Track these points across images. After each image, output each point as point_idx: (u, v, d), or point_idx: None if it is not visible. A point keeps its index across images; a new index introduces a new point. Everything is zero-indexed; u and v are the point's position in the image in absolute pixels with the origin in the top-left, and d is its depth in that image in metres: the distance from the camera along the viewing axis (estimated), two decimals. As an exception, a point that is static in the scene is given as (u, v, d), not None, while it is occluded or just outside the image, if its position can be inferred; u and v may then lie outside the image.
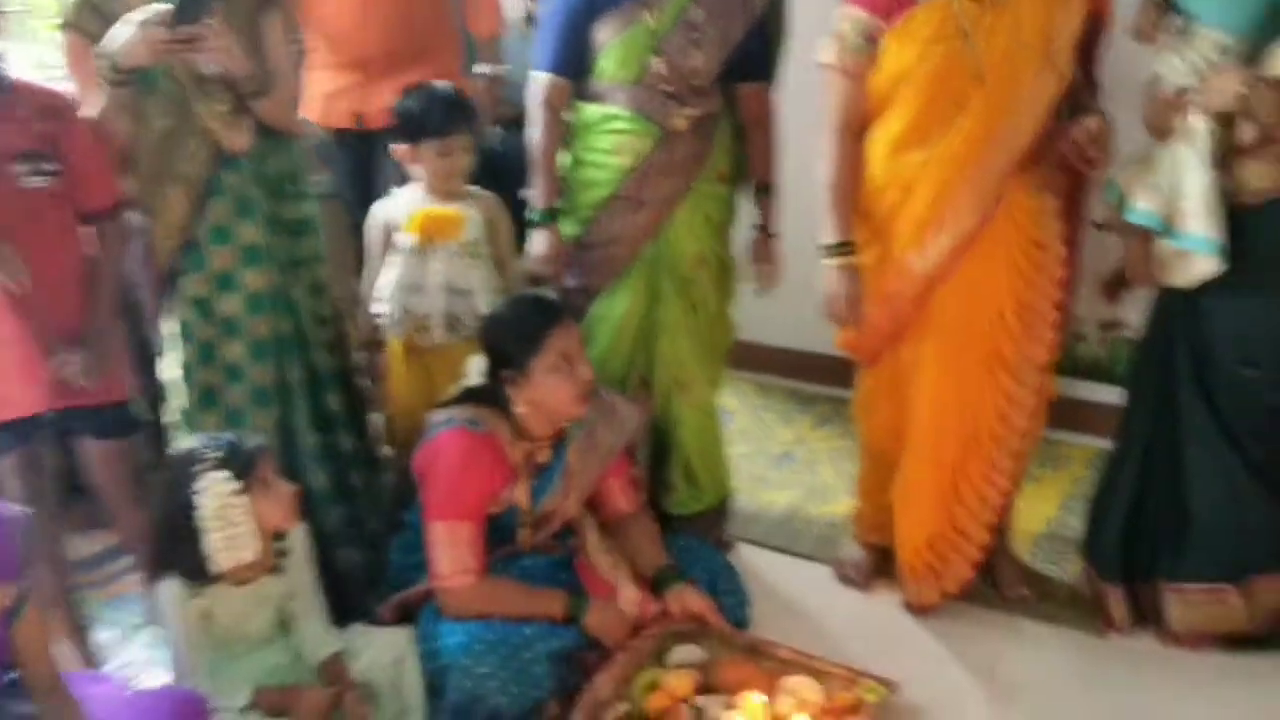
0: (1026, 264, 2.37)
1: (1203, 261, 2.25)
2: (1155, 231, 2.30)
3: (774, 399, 3.71)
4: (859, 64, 2.34)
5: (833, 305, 2.42)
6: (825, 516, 3.01)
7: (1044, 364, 2.42)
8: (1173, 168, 2.26)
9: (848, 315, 2.42)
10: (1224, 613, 2.41)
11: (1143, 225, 2.30)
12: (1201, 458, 2.36)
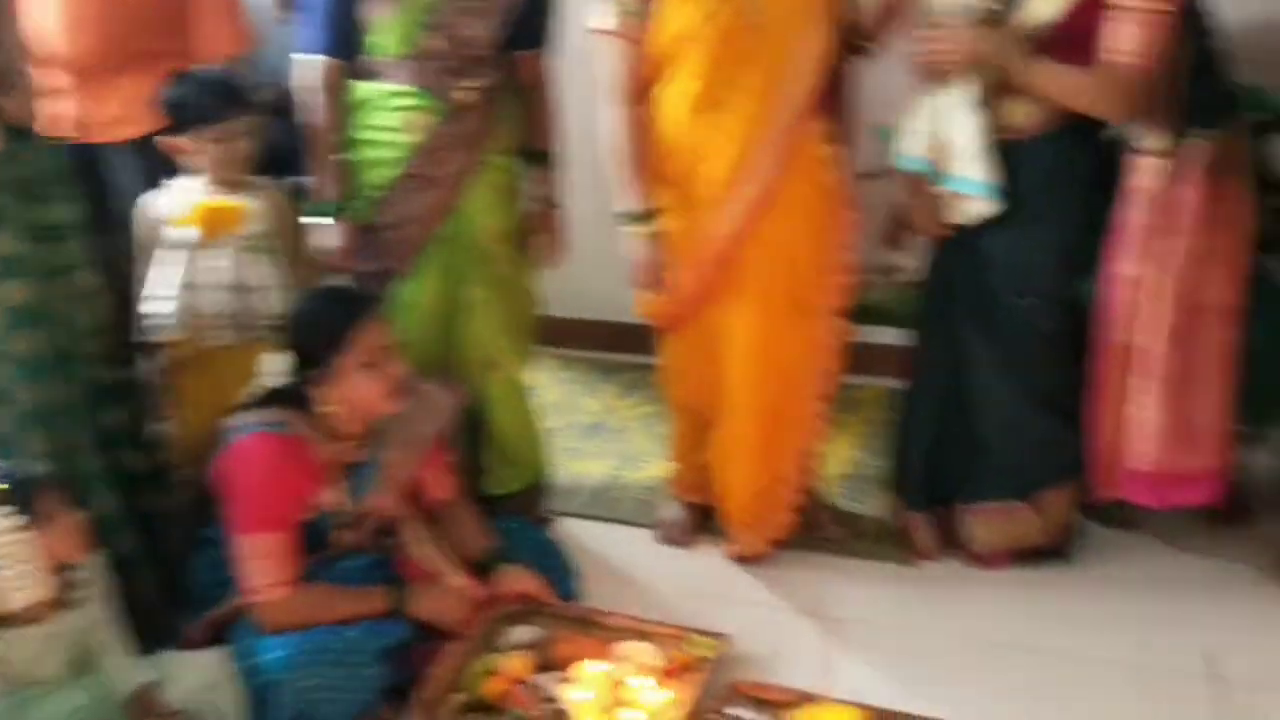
0: (820, 212, 2.44)
1: (977, 202, 2.36)
2: (926, 176, 2.39)
3: (577, 371, 3.71)
4: (636, 28, 2.35)
5: (641, 273, 2.42)
6: (642, 481, 3.04)
7: (839, 307, 2.52)
8: (940, 112, 2.35)
9: (656, 281, 2.41)
10: (1019, 528, 2.57)
11: (912, 169, 2.40)
12: (987, 386, 2.50)
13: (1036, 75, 2.25)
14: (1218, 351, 2.34)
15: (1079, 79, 2.24)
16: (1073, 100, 2.27)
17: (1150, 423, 2.36)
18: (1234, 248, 2.30)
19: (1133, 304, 2.34)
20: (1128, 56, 2.19)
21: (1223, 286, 2.31)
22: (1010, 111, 2.33)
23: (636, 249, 2.41)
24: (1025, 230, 2.37)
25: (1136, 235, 2.31)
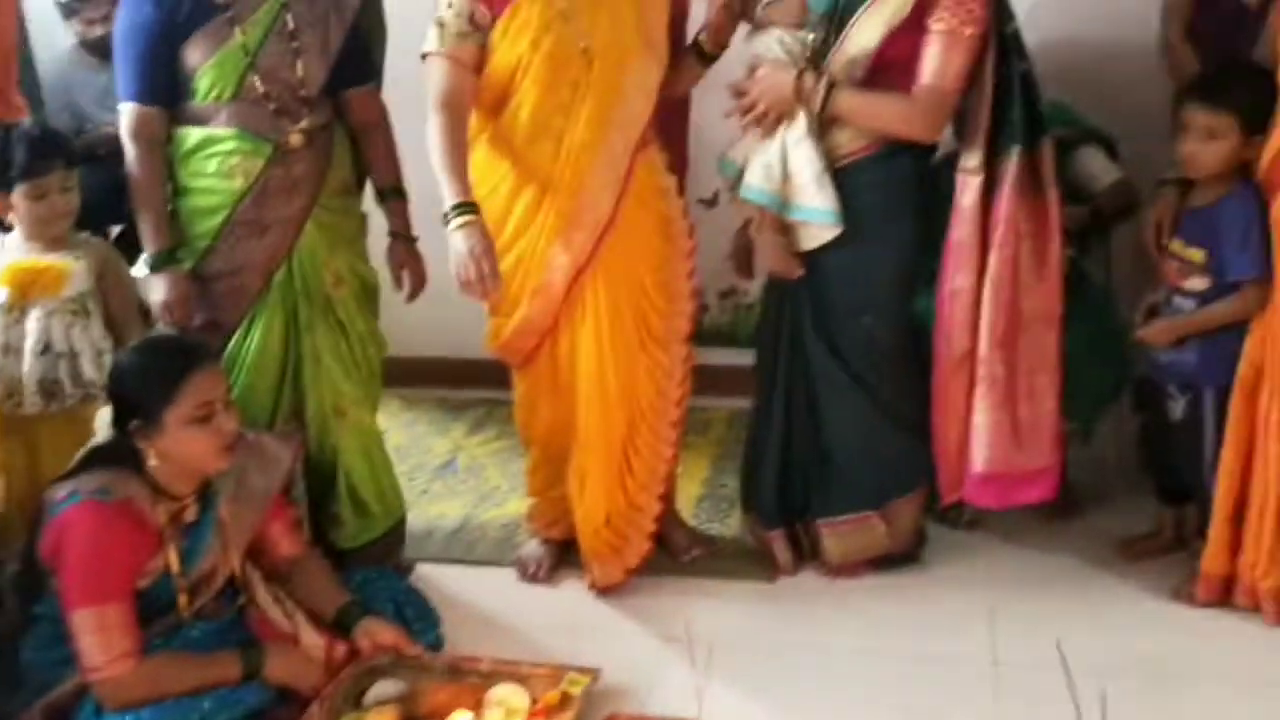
0: (660, 240, 2.47)
1: (821, 229, 2.42)
2: (771, 205, 2.44)
3: (423, 411, 3.65)
4: (464, 51, 2.33)
5: (463, 267, 2.28)
6: (499, 519, 2.99)
7: (687, 333, 2.54)
8: (779, 145, 2.41)
9: (479, 276, 2.27)
10: (870, 538, 2.64)
11: (757, 202, 2.44)
12: (834, 401, 2.57)
13: (844, 106, 2.35)
14: (1044, 356, 2.45)
15: (882, 105, 2.36)
16: (881, 125, 2.37)
17: (987, 427, 2.45)
18: (1051, 257, 2.42)
19: (964, 315, 2.43)
20: (932, 78, 2.30)
21: (1044, 295, 2.43)
22: (838, 137, 2.40)
23: (457, 241, 2.29)
24: (862, 250, 2.44)
25: (963, 250, 2.41)
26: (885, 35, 2.32)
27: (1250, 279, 2.32)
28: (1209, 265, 2.37)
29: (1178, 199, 2.45)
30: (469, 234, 2.27)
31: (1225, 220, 2.34)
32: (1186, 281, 2.42)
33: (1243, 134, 2.30)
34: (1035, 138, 2.38)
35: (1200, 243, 2.38)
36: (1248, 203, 2.31)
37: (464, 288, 2.29)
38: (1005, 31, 2.35)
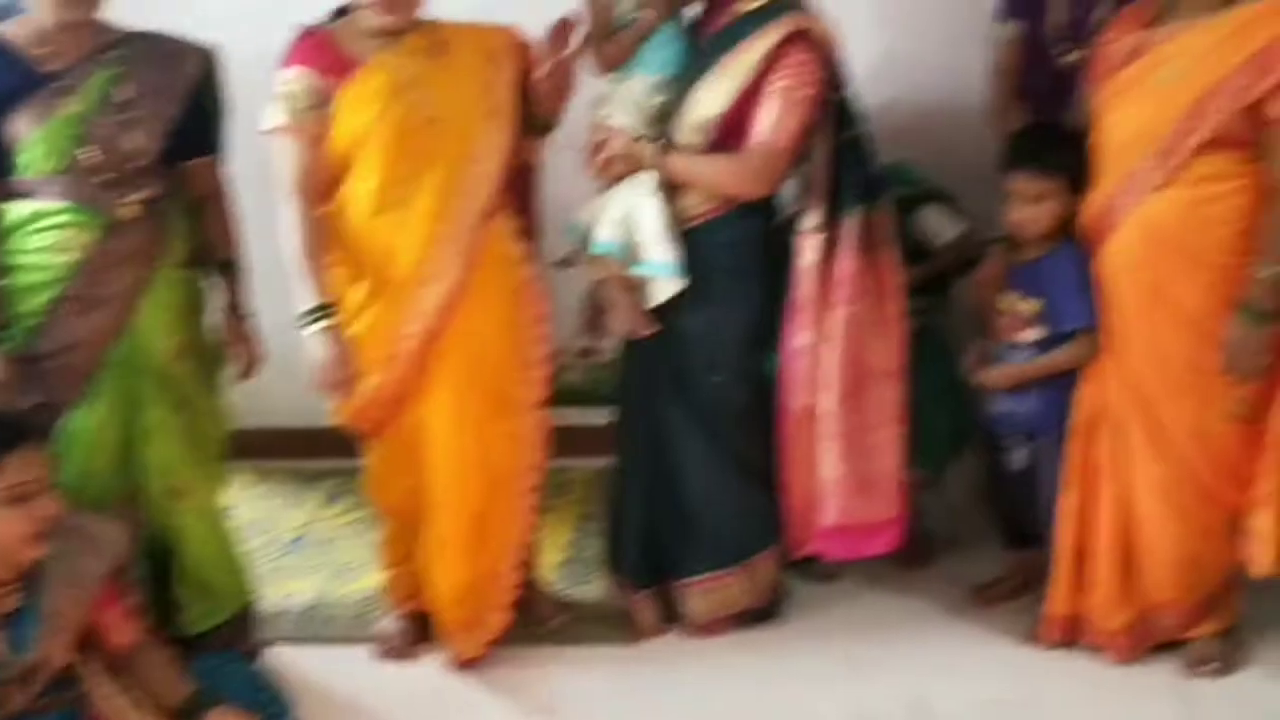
0: (511, 307, 2.46)
1: (666, 283, 2.45)
2: (618, 260, 2.47)
3: (276, 483, 3.53)
4: (310, 125, 2.31)
5: (324, 373, 2.31)
6: (354, 595, 2.90)
7: (541, 399, 2.53)
8: (626, 202, 2.45)
9: (339, 381, 2.32)
10: (733, 595, 2.65)
11: (607, 254, 2.47)
12: (691, 460, 2.58)
13: (677, 169, 2.41)
14: (887, 410, 2.51)
15: (714, 164, 2.42)
16: (714, 184, 2.43)
17: (834, 481, 2.50)
18: (892, 314, 2.50)
19: (808, 372, 2.48)
20: (765, 135, 2.36)
21: (886, 350, 2.50)
22: (687, 199, 2.45)
23: (316, 347, 2.31)
24: (712, 310, 2.48)
25: (805, 308, 2.47)
26: (732, 101, 2.37)
27: (1083, 328, 2.43)
28: (1042, 317, 2.47)
29: (1007, 255, 2.55)
30: (329, 340, 2.30)
31: (1055, 273, 2.45)
32: (1020, 334, 2.52)
33: (1066, 194, 2.42)
34: (872, 199, 2.46)
35: (1032, 295, 2.48)
36: (1075, 255, 2.43)
37: (323, 392, 2.31)
38: (841, 97, 2.43)
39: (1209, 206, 2.27)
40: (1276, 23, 2.19)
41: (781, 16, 2.37)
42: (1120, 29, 2.41)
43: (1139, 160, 2.29)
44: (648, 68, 2.47)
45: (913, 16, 3.17)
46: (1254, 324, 2.24)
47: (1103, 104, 2.39)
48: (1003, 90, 2.89)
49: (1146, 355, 2.36)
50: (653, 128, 2.46)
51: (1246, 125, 2.23)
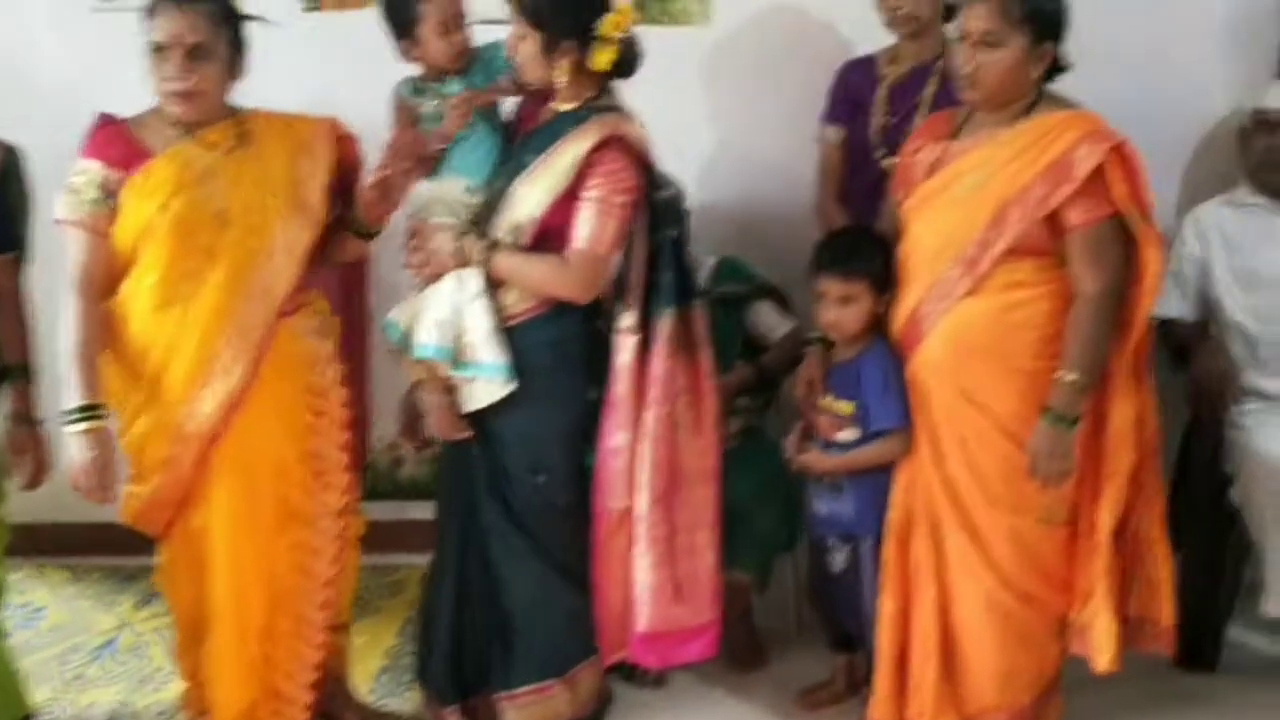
0: (305, 411, 2.37)
1: (495, 386, 2.38)
2: (443, 363, 2.39)
3: (90, 583, 3.33)
4: (98, 218, 2.22)
5: (79, 476, 2.20)
6: (156, 706, 2.74)
7: (341, 508, 2.42)
8: (450, 302, 2.37)
9: (95, 485, 2.20)
10: (554, 709, 2.53)
11: (433, 359, 2.38)
12: (510, 565, 2.49)
13: (502, 268, 2.35)
14: (703, 512, 2.46)
15: (538, 267, 2.37)
16: (537, 287, 2.38)
17: (649, 586, 2.43)
18: (707, 413, 2.46)
19: (623, 473, 2.43)
20: (584, 242, 2.33)
21: (701, 450, 2.46)
22: (506, 297, 2.39)
23: (75, 448, 2.20)
24: (533, 409, 2.41)
25: (621, 407, 2.42)
26: (549, 204, 2.34)
27: (893, 429, 2.43)
28: (856, 418, 2.47)
29: (824, 355, 2.55)
30: (91, 443, 2.21)
31: (867, 375, 2.45)
32: (838, 434, 2.51)
33: (874, 295, 2.43)
34: (687, 299, 2.44)
35: (848, 396, 2.48)
36: (885, 357, 2.44)
37: (81, 491, 2.20)
38: (657, 199, 2.41)
39: (1015, 313, 2.30)
40: (1070, 134, 2.24)
41: (596, 119, 2.34)
42: (922, 139, 2.46)
43: (946, 268, 2.32)
44: (462, 170, 2.43)
45: (748, 115, 3.20)
46: (1057, 429, 2.25)
47: (909, 213, 2.42)
48: (826, 191, 2.93)
49: (960, 461, 2.36)
50: (471, 227, 2.40)
51: (1047, 233, 2.27)
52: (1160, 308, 3.01)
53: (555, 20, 2.29)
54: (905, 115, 2.72)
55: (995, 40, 2.23)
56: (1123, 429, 2.34)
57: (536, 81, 2.37)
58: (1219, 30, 3.13)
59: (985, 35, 2.23)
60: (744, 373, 2.94)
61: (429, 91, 2.45)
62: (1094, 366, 2.27)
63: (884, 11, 2.73)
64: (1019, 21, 2.23)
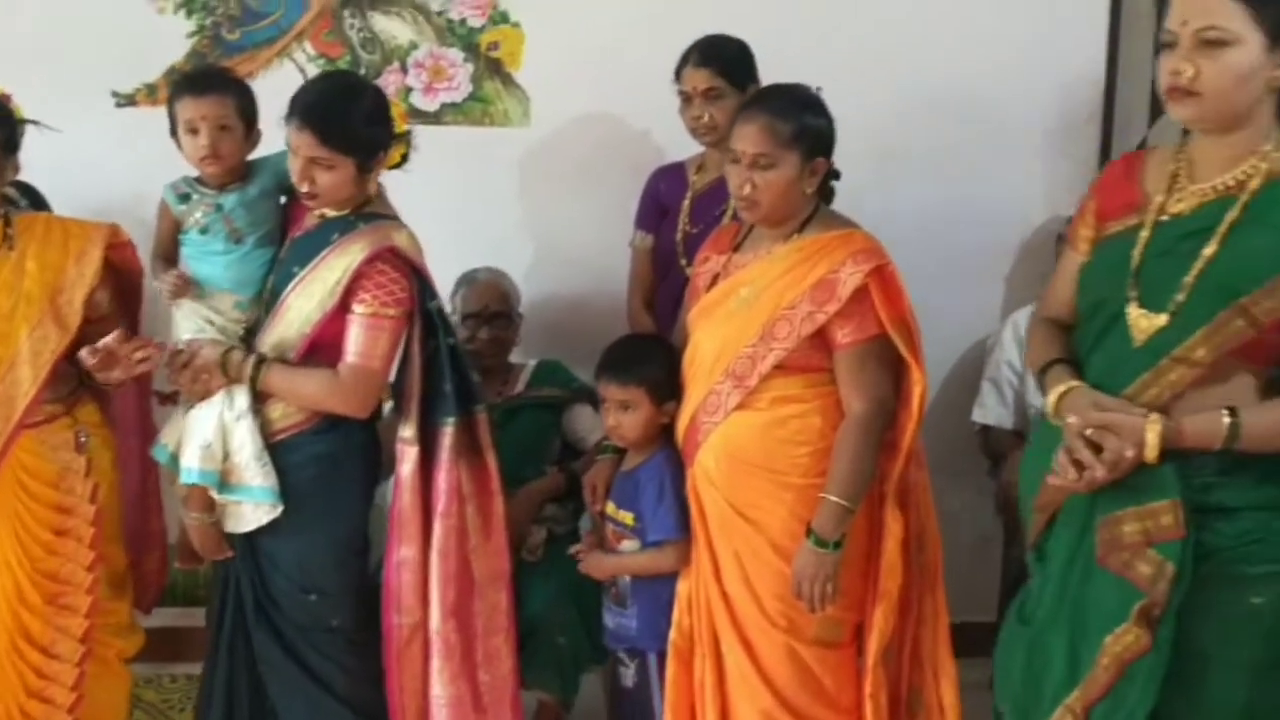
0: (45, 531, 2.29)
1: (261, 510, 2.32)
2: (211, 488, 2.32)
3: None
4: None
5: None
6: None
7: (84, 632, 2.32)
8: (218, 423, 2.30)
9: None
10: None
11: (200, 484, 2.31)
12: (284, 695, 2.41)
13: (273, 383, 2.31)
14: (498, 617, 2.43)
15: (310, 382, 2.32)
16: (311, 402, 2.34)
17: (447, 700, 2.38)
18: (495, 519, 2.43)
19: (413, 585, 2.38)
20: (357, 357, 2.30)
21: (492, 554, 2.43)
22: (273, 412, 2.34)
23: None
24: (303, 526, 2.35)
25: (406, 519, 2.38)
26: (320, 320, 2.30)
27: (668, 540, 2.39)
28: (637, 529, 2.43)
29: (613, 463, 2.52)
30: None
31: (644, 484, 2.42)
32: (622, 544, 2.47)
33: (653, 402, 2.40)
34: (468, 406, 2.41)
35: (628, 506, 2.45)
36: (665, 466, 2.41)
37: None
38: (430, 308, 2.38)
39: (785, 428, 2.28)
40: (837, 254, 2.24)
41: (365, 228, 2.32)
42: (709, 251, 2.46)
43: (718, 380, 2.30)
44: (233, 285, 2.37)
45: (567, 216, 3.20)
46: (819, 551, 2.22)
47: (692, 323, 2.41)
48: (635, 297, 2.93)
49: (736, 576, 2.32)
50: (239, 342, 2.36)
51: (817, 351, 2.26)
52: (979, 414, 3.09)
53: (373, 142, 2.30)
54: (709, 224, 2.71)
55: (768, 162, 2.23)
56: (892, 551, 2.31)
57: (344, 205, 2.34)
58: (1039, 141, 3.19)
59: (758, 158, 2.23)
60: (555, 479, 2.91)
61: (200, 198, 2.38)
62: (858, 489, 2.24)
63: (687, 120, 2.74)
64: (789, 141, 2.23)
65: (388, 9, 3.12)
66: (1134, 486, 1.79)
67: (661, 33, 2.93)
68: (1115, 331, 1.87)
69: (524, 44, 3.13)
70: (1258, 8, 1.73)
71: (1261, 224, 1.78)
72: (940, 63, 3.06)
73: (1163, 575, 1.77)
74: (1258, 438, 1.76)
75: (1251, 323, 1.76)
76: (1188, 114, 1.81)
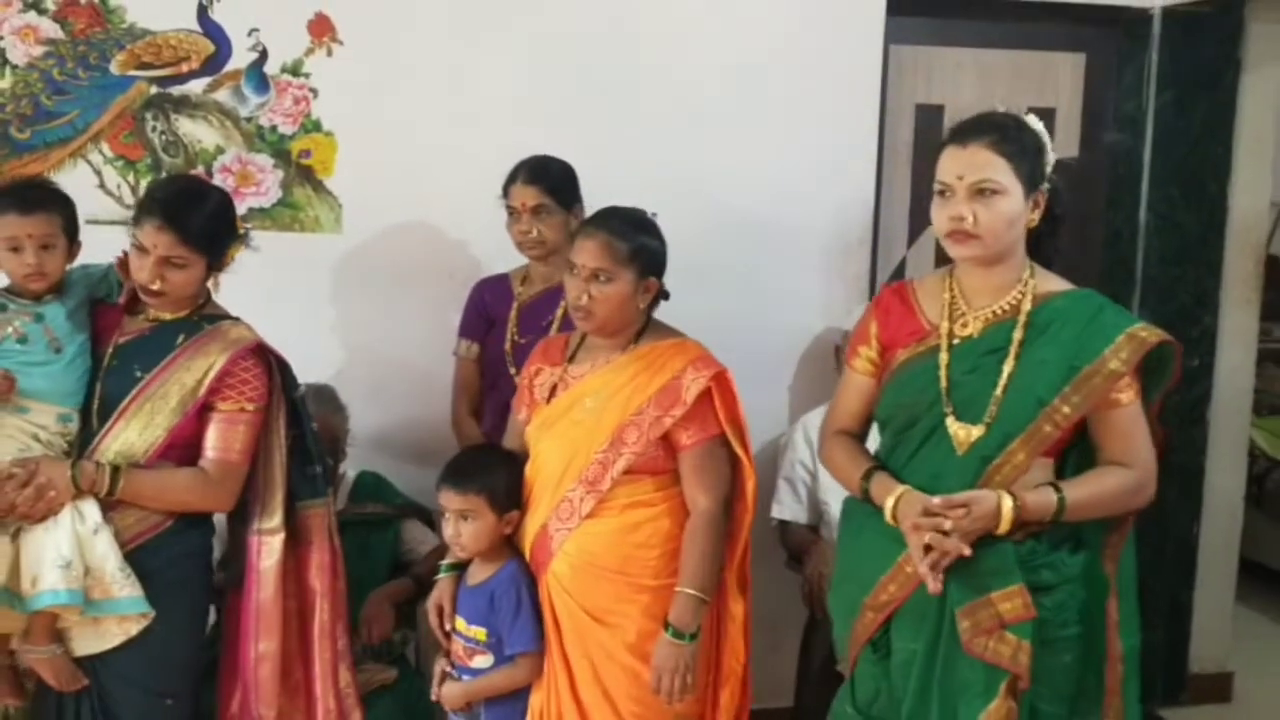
0: None
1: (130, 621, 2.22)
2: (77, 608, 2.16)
3: None
4: None
5: None
6: None
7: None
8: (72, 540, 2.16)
9: None
10: None
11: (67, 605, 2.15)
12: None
13: (134, 489, 2.23)
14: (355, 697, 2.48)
15: (176, 483, 2.29)
16: (175, 503, 2.30)
17: None
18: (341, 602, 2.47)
19: (273, 679, 2.35)
20: (219, 452, 2.30)
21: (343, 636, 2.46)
22: (125, 519, 2.24)
23: None
24: (163, 630, 2.26)
25: (267, 611, 2.35)
26: (178, 421, 2.26)
27: (524, 653, 2.42)
28: (490, 643, 2.44)
29: (455, 581, 2.52)
30: None
31: (499, 597, 2.43)
32: (472, 660, 2.46)
33: (494, 512, 2.42)
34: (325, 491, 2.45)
35: (480, 621, 2.44)
36: (519, 577, 2.43)
37: None
38: (294, 398, 2.40)
39: (636, 533, 2.38)
40: (678, 361, 2.39)
41: (214, 328, 2.32)
42: (539, 363, 2.55)
43: (569, 488, 2.37)
44: (53, 398, 2.25)
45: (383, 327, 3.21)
46: (677, 644, 2.32)
47: (533, 434, 2.47)
48: (460, 404, 2.98)
49: (590, 680, 2.37)
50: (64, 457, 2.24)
51: (662, 453, 2.38)
52: (776, 510, 3.29)
53: (224, 241, 2.33)
54: (537, 334, 2.80)
55: (606, 277, 2.35)
56: (735, 633, 2.45)
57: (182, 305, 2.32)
58: (818, 259, 3.49)
59: (596, 272, 2.35)
60: (405, 584, 2.88)
61: (17, 309, 2.27)
62: (711, 581, 2.37)
63: (514, 234, 2.85)
64: (626, 260, 2.37)
65: (193, 113, 3.06)
66: (981, 575, 2.04)
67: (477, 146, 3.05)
68: (935, 442, 2.13)
69: (336, 152, 3.14)
70: (1018, 163, 2.08)
71: (1045, 339, 2.10)
72: (740, 190, 3.32)
73: (1021, 651, 2.01)
74: (1078, 507, 2.06)
75: (1056, 426, 2.07)
76: (969, 252, 2.12)
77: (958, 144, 2.10)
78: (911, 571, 2.09)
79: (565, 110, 3.20)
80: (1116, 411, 2.09)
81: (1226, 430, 3.81)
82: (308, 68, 3.09)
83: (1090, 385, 2.06)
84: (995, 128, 2.10)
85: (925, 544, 2.02)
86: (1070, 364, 2.07)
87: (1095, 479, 2.10)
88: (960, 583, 2.04)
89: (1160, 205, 3.70)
